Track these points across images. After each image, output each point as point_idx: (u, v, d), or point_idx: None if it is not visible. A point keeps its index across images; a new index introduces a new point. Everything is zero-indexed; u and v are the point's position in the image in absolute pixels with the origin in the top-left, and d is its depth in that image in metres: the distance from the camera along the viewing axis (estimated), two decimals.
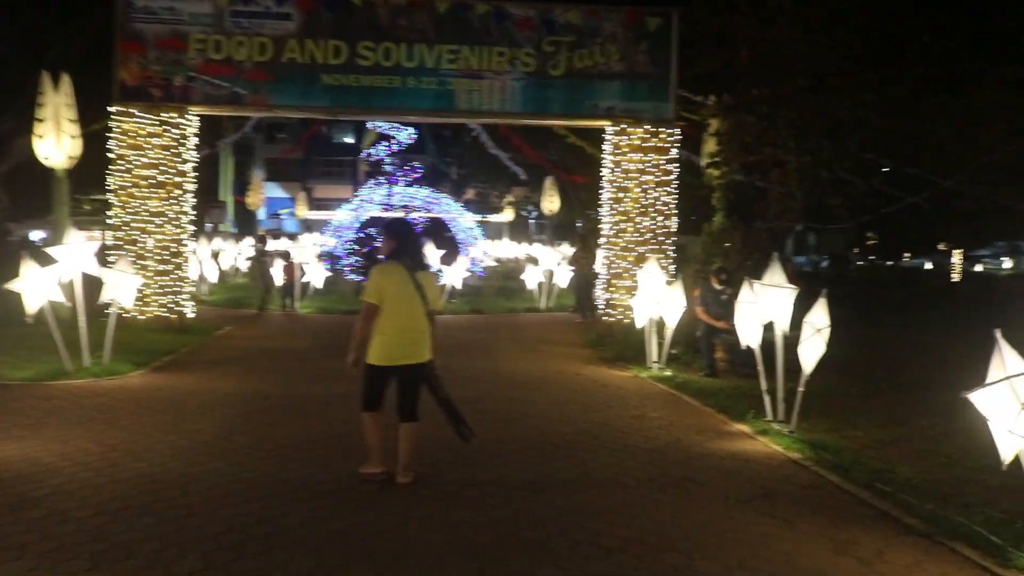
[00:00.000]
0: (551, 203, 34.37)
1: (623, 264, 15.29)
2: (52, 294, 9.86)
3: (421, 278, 6.17)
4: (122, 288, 10.76)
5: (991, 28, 14.81)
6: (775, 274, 8.25)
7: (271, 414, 8.64)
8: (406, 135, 24.75)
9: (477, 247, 26.15)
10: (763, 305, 8.32)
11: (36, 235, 40.56)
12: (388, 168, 24.99)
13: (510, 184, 52.94)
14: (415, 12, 14.74)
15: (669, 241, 15.43)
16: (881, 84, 12.74)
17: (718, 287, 12.46)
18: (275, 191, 68.20)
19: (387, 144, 24.87)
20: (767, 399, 8.61)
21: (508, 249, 36.43)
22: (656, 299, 12.08)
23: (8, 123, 22.74)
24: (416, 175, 25.50)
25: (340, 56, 14.58)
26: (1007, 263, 60.50)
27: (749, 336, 8.73)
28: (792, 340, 8.26)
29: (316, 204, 61.59)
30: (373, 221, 27.38)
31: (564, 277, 21.01)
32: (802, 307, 8.19)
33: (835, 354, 8.18)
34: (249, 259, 26.80)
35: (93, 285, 10.87)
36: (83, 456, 6.75)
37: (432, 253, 20.57)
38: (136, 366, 10.93)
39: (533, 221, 64.73)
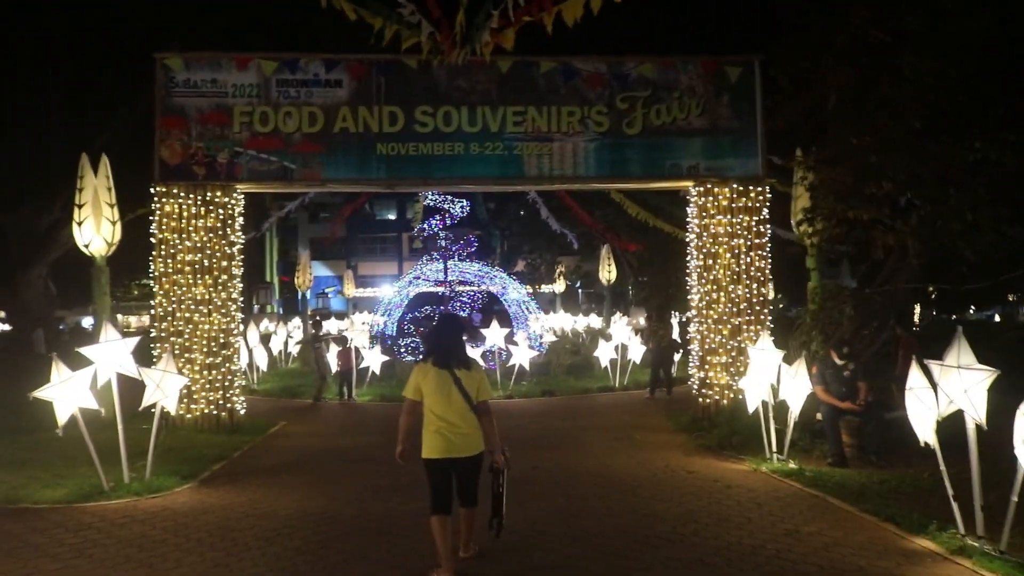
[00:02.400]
0: (608, 272, 32.93)
1: (717, 338, 13.70)
2: (85, 401, 8.55)
3: (461, 375, 6.27)
4: (165, 389, 9.40)
5: None
6: (963, 352, 6.62)
7: (345, 545, 7.13)
8: (460, 207, 23.55)
9: (534, 321, 24.70)
10: (948, 390, 6.68)
11: (88, 322, 40.00)
12: (442, 243, 23.72)
13: (560, 253, 51.86)
14: (475, 72, 13.56)
15: (766, 311, 13.84)
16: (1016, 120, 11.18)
17: (839, 362, 10.87)
18: (321, 270, 67.93)
19: (439, 217, 23.65)
20: (955, 506, 6.91)
21: (565, 321, 34.88)
22: (772, 379, 10.49)
23: (56, 212, 22.13)
24: (471, 249, 24.25)
25: (396, 123, 13.40)
26: None
27: (925, 429, 7.08)
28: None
29: (361, 281, 60.99)
30: (427, 298, 26.19)
31: (638, 352, 19.40)
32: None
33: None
34: (299, 343, 25.61)
35: (133, 385, 9.54)
36: None
37: (495, 333, 19.13)
38: (182, 479, 9.51)
39: (582, 291, 63.43)
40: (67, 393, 8.45)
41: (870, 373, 11.34)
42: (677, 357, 19.32)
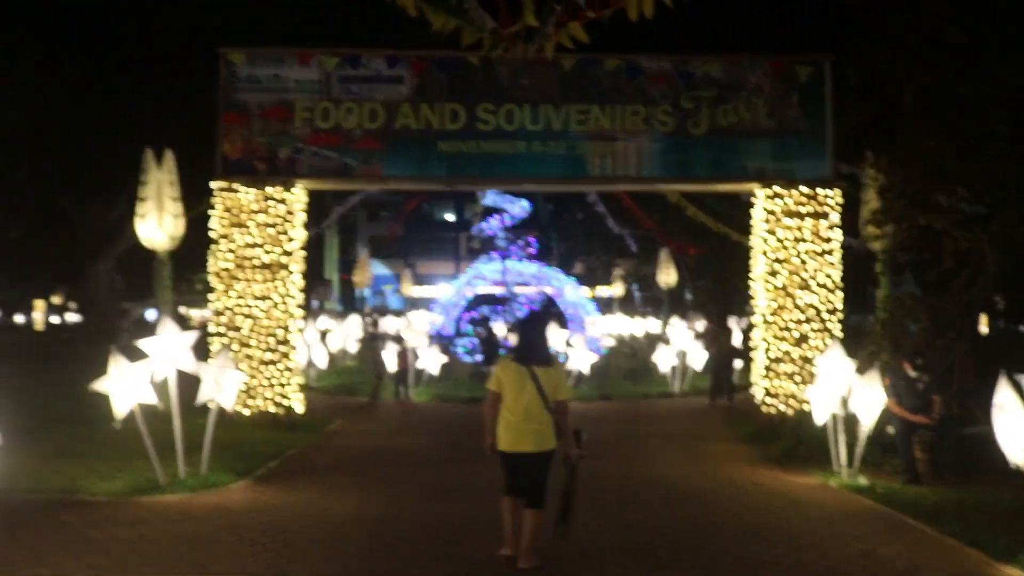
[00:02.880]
0: (667, 276, 32.41)
1: (783, 347, 13.27)
2: (143, 395, 8.50)
3: (540, 372, 6.42)
4: (222, 385, 9.32)
5: None
6: None
7: (400, 551, 6.94)
8: (520, 208, 23.31)
9: (593, 324, 24.35)
10: None
11: (151, 314, 40.59)
12: (501, 243, 23.51)
13: (618, 256, 51.35)
14: (539, 70, 13.32)
15: (835, 319, 13.37)
16: None
17: (912, 374, 10.38)
18: (379, 268, 68.24)
19: (499, 218, 23.45)
20: None
21: (622, 324, 34.45)
22: (842, 390, 10.07)
23: (122, 207, 22.46)
24: (532, 250, 23.99)
25: (458, 121, 13.24)
26: None
27: (1016, 450, 6.65)
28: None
29: (418, 280, 61.15)
30: (485, 299, 25.99)
31: (699, 358, 18.98)
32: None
33: None
34: (358, 340, 25.63)
35: (192, 380, 9.49)
36: None
37: (557, 336, 18.86)
38: (237, 476, 9.43)
39: (639, 295, 62.75)
40: (125, 386, 8.41)
41: (944, 386, 10.85)
42: (739, 364, 18.86)
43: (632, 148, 13.30)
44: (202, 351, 10.66)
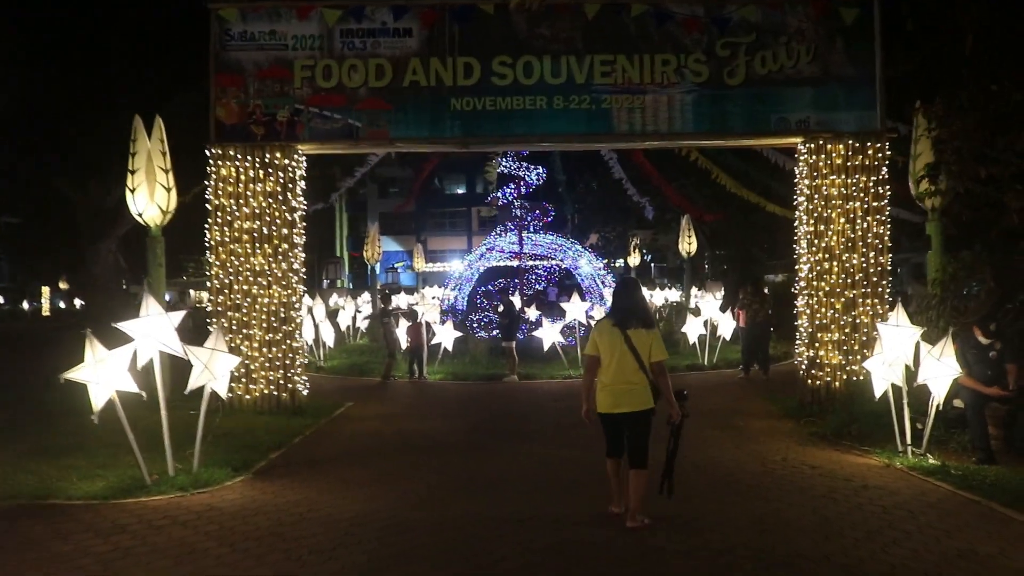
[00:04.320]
0: (688, 244, 31.25)
1: (829, 313, 12.17)
2: (122, 383, 7.51)
3: (634, 335, 6.57)
4: (214, 370, 8.31)
5: None
6: None
7: (417, 562, 5.93)
8: (536, 175, 22.15)
9: (608, 295, 23.24)
10: None
11: (167, 297, 39.59)
12: (516, 212, 22.38)
13: (635, 226, 50.24)
14: (559, 18, 12.17)
15: (885, 282, 12.25)
16: None
17: (984, 341, 9.28)
18: (391, 245, 67.44)
19: (514, 186, 22.31)
20: None
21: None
22: (907, 360, 9.01)
23: (123, 186, 21.46)
24: (547, 219, 22.87)
25: (472, 76, 12.11)
26: None
27: None
28: None
29: (430, 256, 60.33)
30: (499, 272, 24.95)
31: (728, 328, 17.89)
32: None
33: None
34: (368, 318, 24.64)
35: (185, 366, 8.48)
36: None
37: (575, 307, 17.83)
38: (234, 471, 8.43)
39: (654, 265, 61.54)
40: (102, 375, 7.42)
41: (1020, 353, 9.73)
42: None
43: (663, 101, 12.15)
44: (202, 334, 9.69)
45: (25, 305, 50.87)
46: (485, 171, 22.62)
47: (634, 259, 45.02)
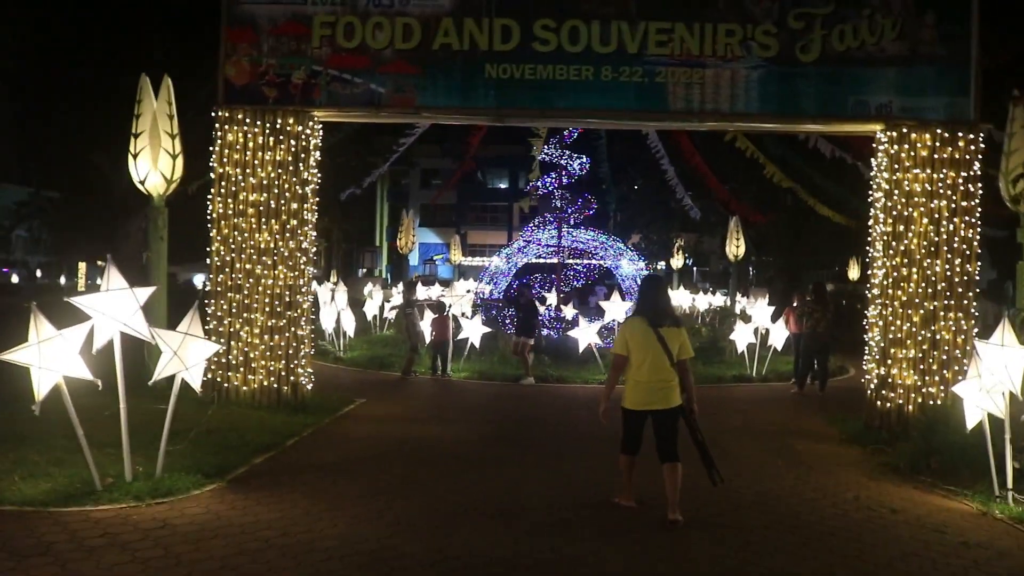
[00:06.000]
0: (736, 247, 29.69)
1: (905, 326, 10.65)
2: (71, 369, 6.29)
3: (664, 332, 6.66)
4: (186, 359, 7.05)
5: None
6: None
7: None
8: (579, 164, 20.75)
9: None
10: None
11: (199, 279, 38.79)
12: (556, 203, 20.98)
13: (678, 229, 48.64)
14: None
15: (971, 294, 10.70)
16: None
17: None
18: (430, 237, 66.53)
19: (555, 175, 20.92)
20: None
21: (684, 299, 31.76)
22: (1012, 387, 7.52)
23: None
24: (589, 212, 21.41)
25: (510, 40, 10.78)
26: None
27: None
28: None
29: (470, 250, 59.19)
30: (535, 269, 23.64)
31: (780, 338, 16.36)
32: None
33: None
34: (395, 308, 23.41)
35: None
36: None
37: (615, 307, 16.43)
38: (205, 477, 7.15)
39: (696, 269, 59.73)
40: (48, 357, 6.20)
41: None
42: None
43: (725, 76, 10.72)
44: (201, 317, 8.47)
45: (63, 280, 50.52)
46: (534, 143, 21.12)
47: (677, 261, 43.46)
